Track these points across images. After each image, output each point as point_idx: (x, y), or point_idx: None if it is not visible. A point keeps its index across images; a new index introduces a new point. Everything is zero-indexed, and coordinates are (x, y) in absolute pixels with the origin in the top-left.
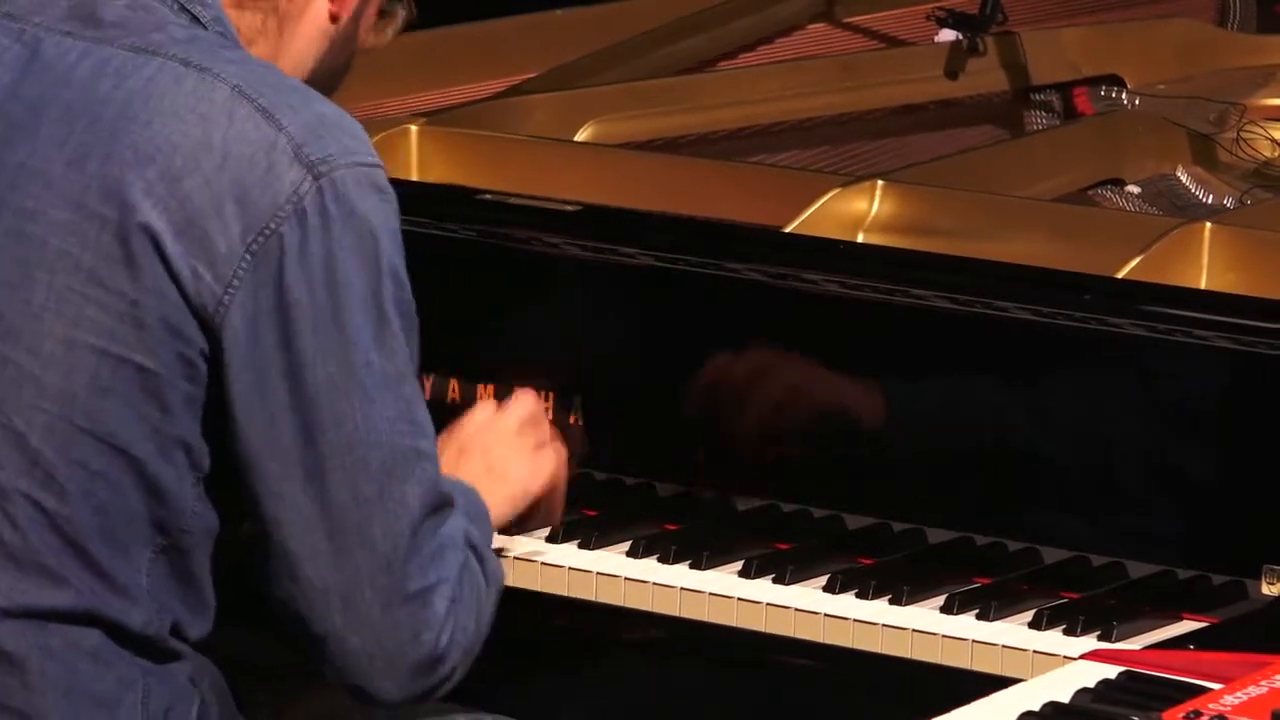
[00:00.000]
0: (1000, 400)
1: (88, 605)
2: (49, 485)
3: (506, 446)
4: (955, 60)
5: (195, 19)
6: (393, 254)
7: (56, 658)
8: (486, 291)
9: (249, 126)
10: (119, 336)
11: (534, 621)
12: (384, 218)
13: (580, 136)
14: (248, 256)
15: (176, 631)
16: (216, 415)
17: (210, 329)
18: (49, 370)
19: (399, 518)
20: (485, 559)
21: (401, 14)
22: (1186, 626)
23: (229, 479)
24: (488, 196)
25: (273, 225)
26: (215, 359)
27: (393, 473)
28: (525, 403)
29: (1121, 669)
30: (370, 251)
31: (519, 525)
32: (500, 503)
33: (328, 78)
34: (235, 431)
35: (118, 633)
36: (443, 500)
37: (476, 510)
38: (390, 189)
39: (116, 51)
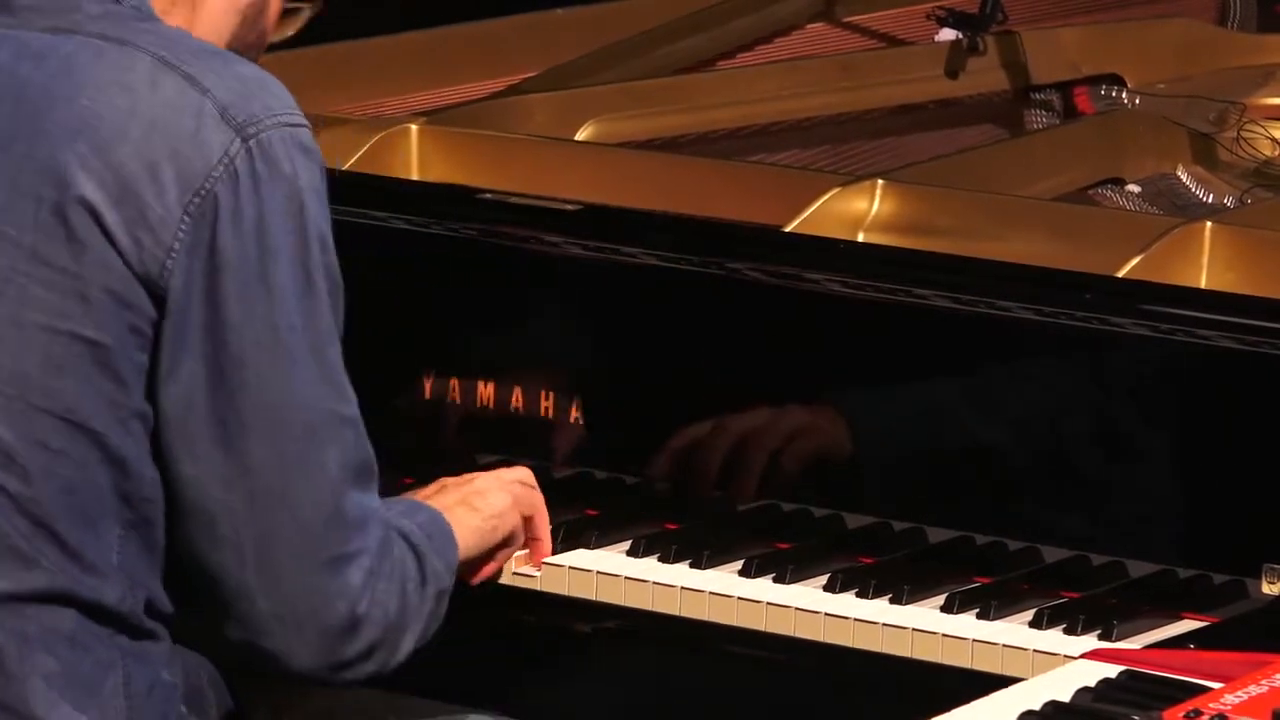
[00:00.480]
0: (1000, 399)
1: (61, 586)
2: (10, 468)
3: (485, 481)
4: (955, 60)
5: None
6: (319, 216)
7: (34, 643)
8: (487, 291)
9: (173, 93)
10: (67, 312)
11: (534, 621)
12: (311, 178)
13: (580, 136)
14: (186, 219)
15: (151, 609)
16: (151, 377)
17: (156, 294)
18: (1, 352)
19: (319, 481)
20: (424, 559)
21: (307, 10)
22: (1187, 626)
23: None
24: (488, 196)
25: (207, 185)
26: (158, 322)
27: (314, 436)
28: (520, 469)
29: (1122, 668)
30: (298, 213)
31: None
32: (467, 530)
33: (247, 44)
34: (158, 389)
35: (94, 612)
36: (364, 469)
37: (432, 524)
38: (316, 148)
39: (34, 35)
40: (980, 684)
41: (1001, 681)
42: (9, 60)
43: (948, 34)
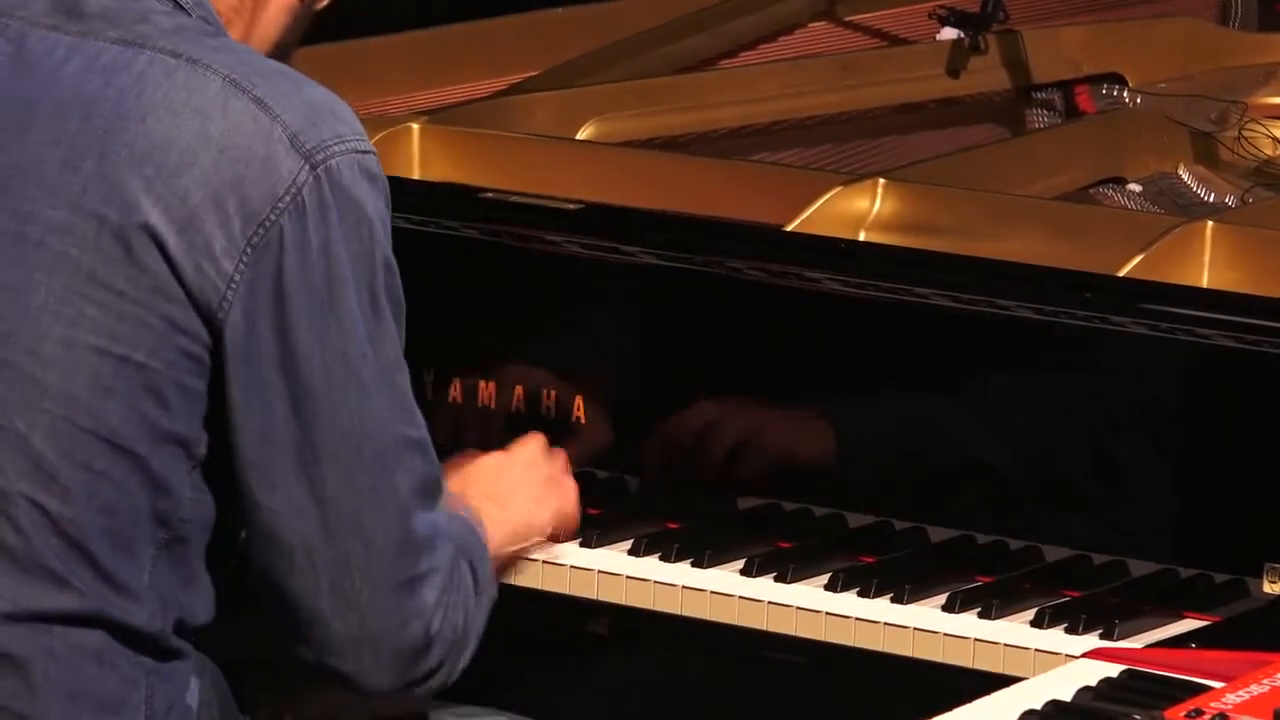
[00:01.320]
0: (1001, 398)
1: (92, 607)
2: (52, 488)
3: (511, 480)
4: (957, 59)
5: (178, 4)
6: (385, 243)
7: (60, 660)
8: (488, 290)
9: (245, 118)
10: (120, 336)
11: (535, 620)
12: (377, 205)
13: (581, 135)
14: (249, 250)
15: (180, 628)
16: (214, 407)
17: (213, 323)
18: (50, 371)
19: (391, 507)
20: (478, 569)
21: None
22: (1188, 625)
23: (223, 465)
24: (489, 195)
25: (273, 217)
26: (217, 352)
27: (386, 463)
28: (532, 442)
29: (1123, 667)
30: (366, 241)
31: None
32: (500, 532)
33: (282, 55)
34: (232, 423)
35: (122, 633)
36: (434, 488)
37: (472, 537)
38: (382, 174)
39: (104, 46)
40: (982, 683)
41: (1003, 681)
42: (78, 75)
43: (949, 33)
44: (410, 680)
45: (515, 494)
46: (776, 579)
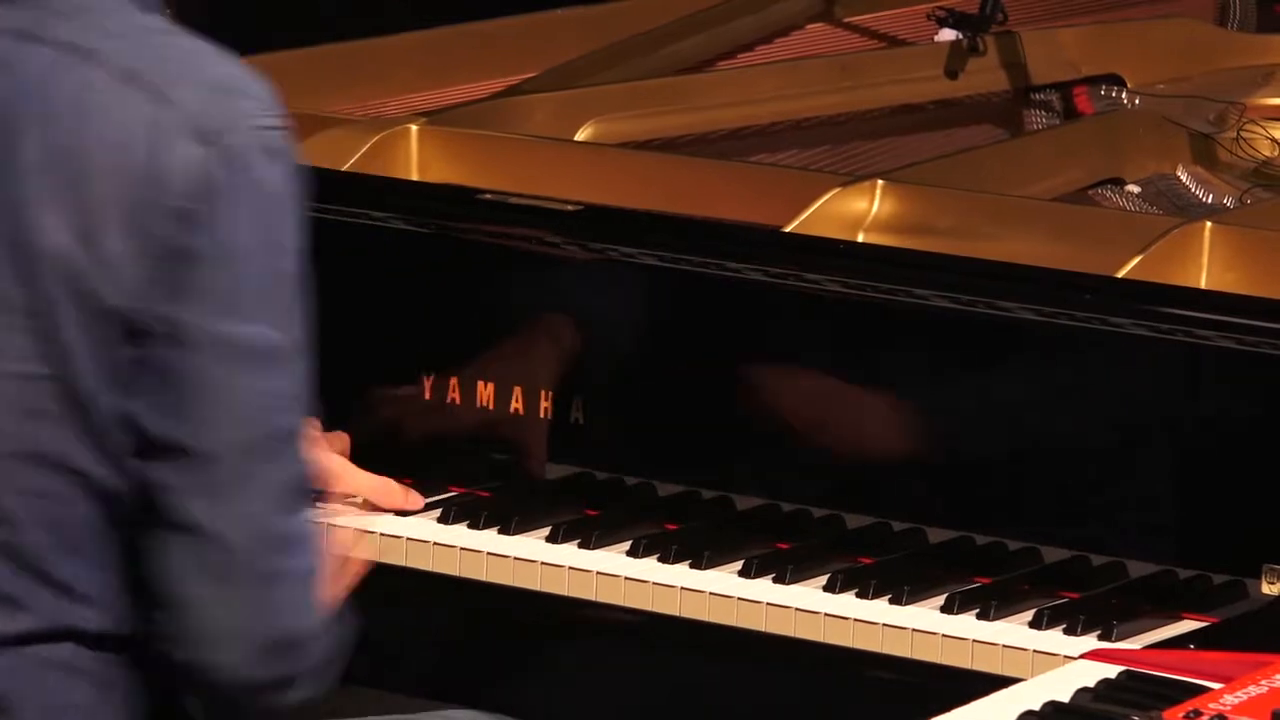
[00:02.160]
0: (1000, 399)
1: (53, 622)
2: None
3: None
4: (955, 60)
5: None
6: (289, 224)
7: (25, 677)
8: (486, 291)
9: (141, 110)
10: (34, 355)
11: (534, 621)
12: (281, 185)
13: (580, 136)
14: (151, 246)
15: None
16: (128, 403)
17: (122, 323)
18: None
19: (265, 497)
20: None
21: None
22: (1187, 626)
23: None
24: (488, 196)
25: (173, 205)
26: (126, 349)
27: (266, 451)
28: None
29: (1122, 668)
30: (268, 224)
31: None
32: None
33: None
34: (132, 413)
35: (90, 640)
36: (305, 486)
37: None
38: (287, 148)
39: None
40: (980, 684)
41: (1001, 682)
42: None
43: (947, 34)
44: (273, 679)
45: None
46: (775, 580)
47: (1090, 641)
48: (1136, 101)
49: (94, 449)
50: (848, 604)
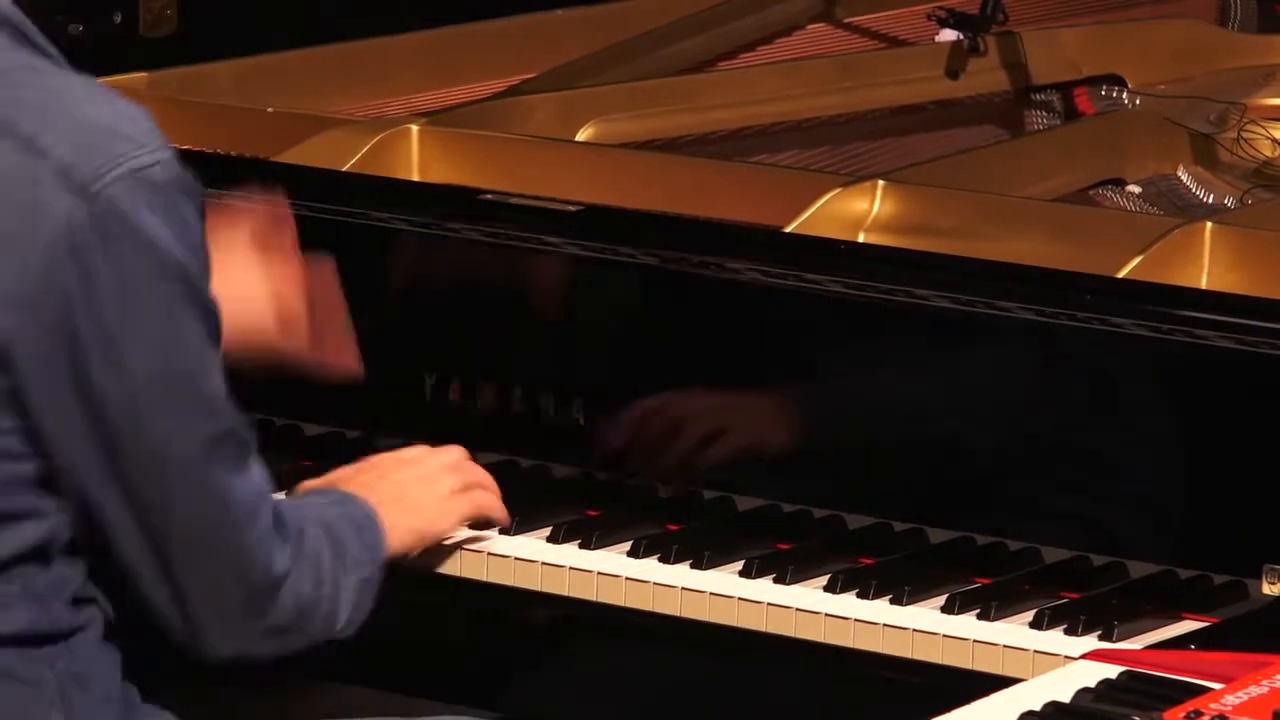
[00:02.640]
0: (1001, 400)
1: None
2: None
3: (422, 484)
4: (956, 60)
5: None
6: (177, 253)
7: None
8: (487, 291)
9: (11, 161)
10: None
11: (535, 621)
12: (163, 217)
13: (581, 136)
14: (31, 300)
15: (76, 598)
16: (33, 437)
17: (10, 375)
18: None
19: (206, 500)
20: (344, 548)
21: None
22: (1187, 626)
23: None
24: (488, 196)
25: (52, 263)
26: (19, 391)
27: (197, 465)
28: (452, 451)
29: (1122, 669)
30: (155, 264)
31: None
32: (401, 530)
33: None
34: (47, 446)
35: (14, 641)
36: (243, 455)
37: (362, 519)
38: (171, 177)
39: None
40: (981, 684)
41: (1002, 682)
42: None
43: (948, 34)
44: (250, 641)
45: (422, 500)
46: (775, 580)
47: (1091, 642)
48: (1137, 102)
49: (1, 486)
50: (848, 604)
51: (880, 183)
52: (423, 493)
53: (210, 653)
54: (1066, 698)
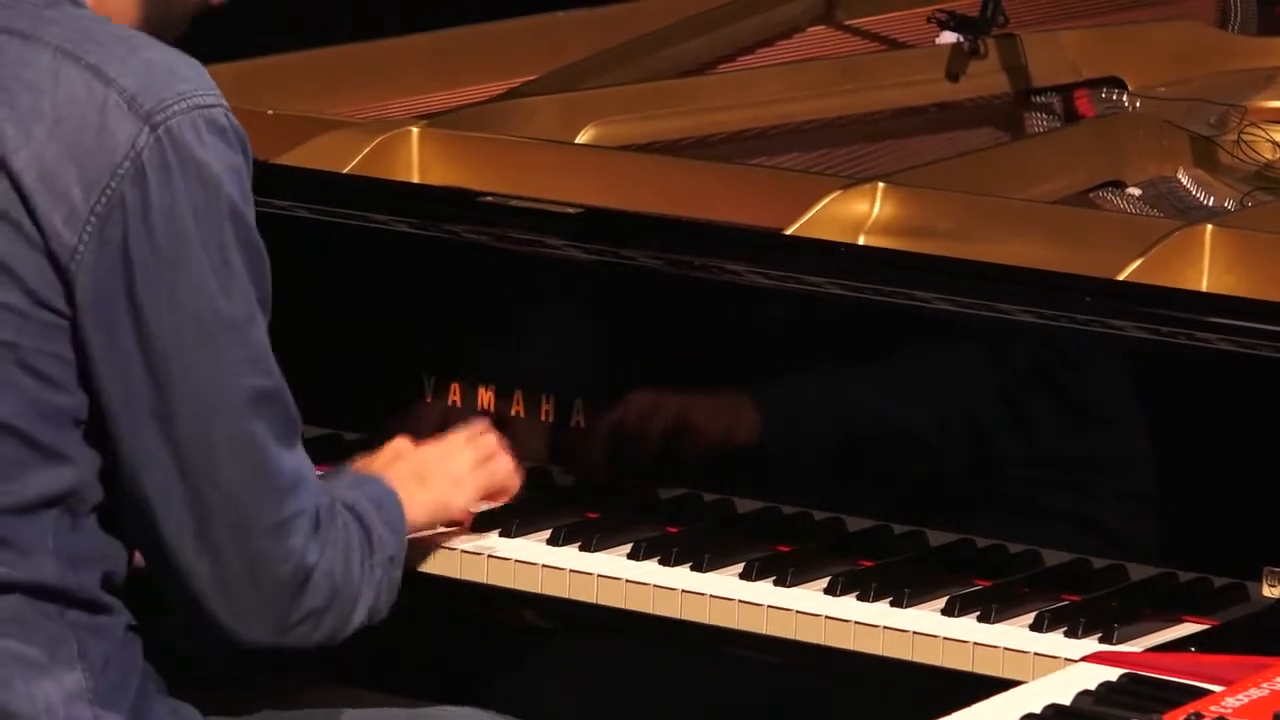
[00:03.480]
0: (1001, 402)
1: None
2: None
3: (440, 458)
4: (956, 62)
5: None
6: (234, 193)
7: None
8: (487, 294)
9: (78, 86)
10: None
11: (535, 623)
12: (225, 159)
13: (581, 139)
14: (93, 219)
15: (108, 581)
16: (83, 368)
17: (67, 293)
18: None
19: (248, 457)
20: (371, 528)
21: None
22: (1187, 629)
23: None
24: (489, 199)
25: (113, 184)
26: (74, 319)
27: (241, 415)
28: (472, 426)
29: (1123, 671)
30: (213, 198)
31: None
32: (419, 504)
33: (164, 16)
34: (95, 383)
35: (37, 593)
36: (292, 431)
37: (381, 496)
38: (233, 124)
39: None
40: (981, 687)
41: (1002, 684)
42: None
43: (948, 37)
44: (284, 626)
45: (436, 475)
46: (776, 583)
47: (1091, 644)
48: (1137, 104)
49: (41, 412)
50: (848, 607)
51: (880, 185)
52: (441, 466)
53: (248, 638)
54: (1067, 700)
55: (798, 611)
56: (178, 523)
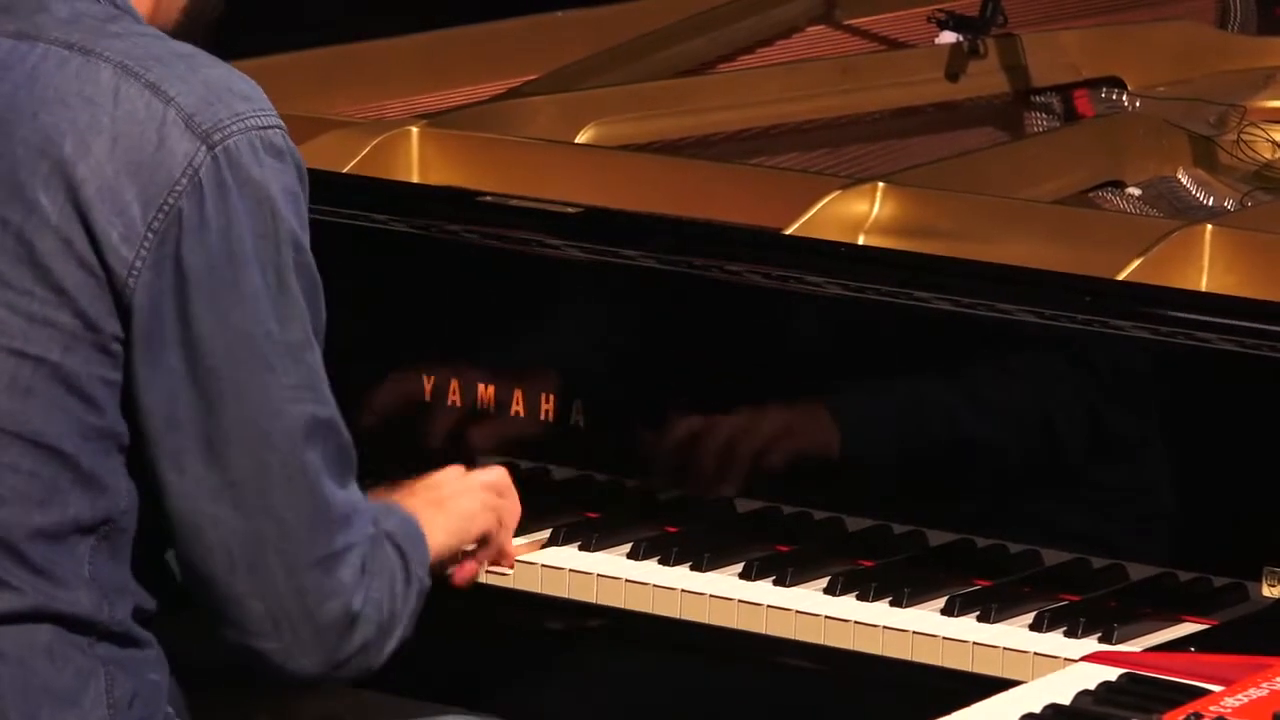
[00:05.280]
0: (1000, 402)
1: (34, 603)
2: None
3: (459, 487)
4: (956, 62)
5: None
6: (291, 218)
7: (10, 660)
8: (487, 294)
9: (137, 104)
10: (33, 337)
11: (535, 623)
12: (282, 181)
13: (581, 139)
14: (150, 235)
15: (138, 614)
16: (128, 393)
17: (120, 312)
18: None
19: (302, 486)
20: (409, 557)
21: None
22: (1187, 628)
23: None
24: (488, 199)
25: (170, 201)
26: (125, 339)
27: (294, 442)
28: (494, 469)
29: (1122, 671)
30: (269, 220)
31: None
32: (437, 530)
33: (191, 31)
34: (140, 406)
35: (70, 623)
36: (346, 464)
37: (407, 525)
38: (289, 147)
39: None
40: (980, 687)
41: (1002, 684)
42: None
43: (948, 37)
44: (335, 661)
45: (454, 497)
46: (775, 583)
47: (1091, 644)
48: (1137, 104)
49: (85, 436)
50: (848, 606)
51: (880, 185)
52: (461, 503)
53: (299, 672)
54: (1066, 700)
55: (797, 611)
56: (228, 553)
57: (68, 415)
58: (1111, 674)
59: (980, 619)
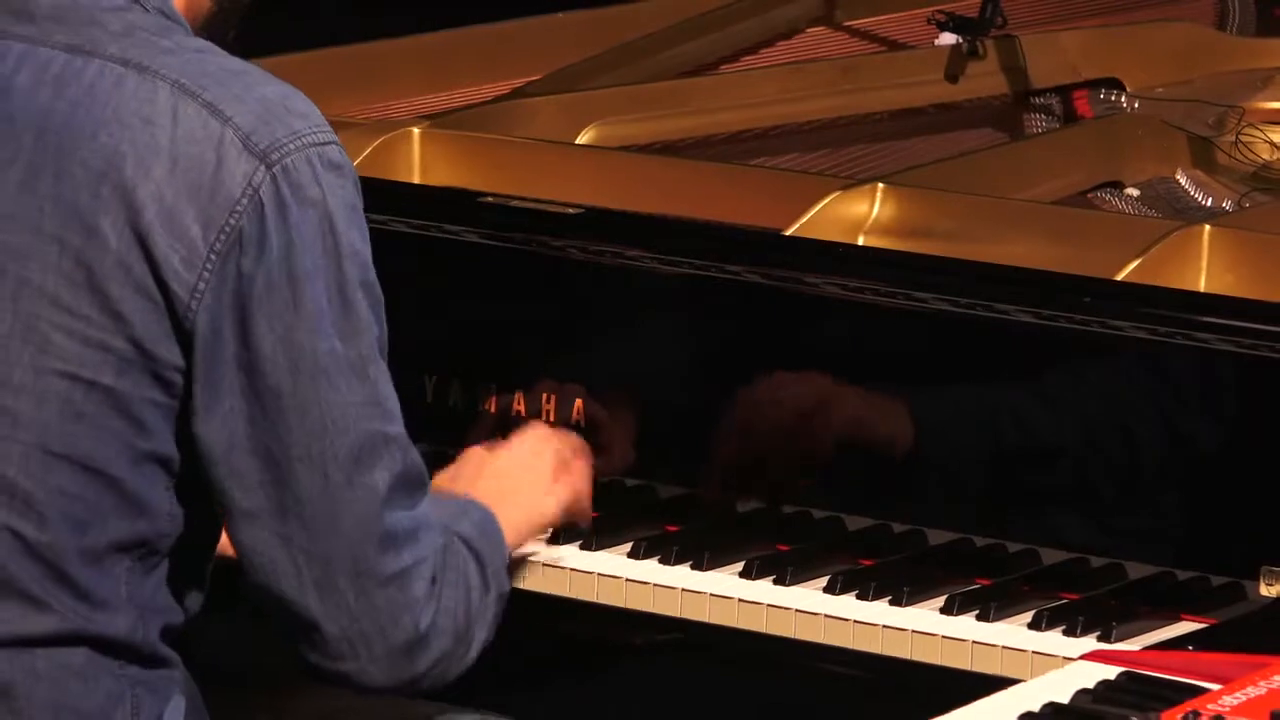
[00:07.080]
0: (1000, 402)
1: (72, 626)
2: (28, 515)
3: (515, 476)
4: (955, 64)
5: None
6: (352, 233)
7: (44, 680)
8: (488, 294)
9: (195, 124)
10: (87, 360)
11: (535, 622)
12: (341, 197)
13: (582, 139)
14: (212, 256)
15: (166, 634)
16: (186, 416)
17: (181, 335)
18: (20, 399)
19: (368, 504)
20: (485, 564)
21: None
22: (1185, 627)
23: (200, 475)
24: (489, 199)
25: (232, 221)
26: (186, 364)
27: (360, 459)
28: (533, 430)
29: (1121, 669)
30: (329, 236)
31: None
32: (510, 525)
33: (220, 31)
34: (200, 428)
35: (103, 646)
36: (415, 482)
37: (485, 525)
38: (345, 161)
39: (53, 54)
40: (980, 685)
41: (1001, 683)
42: (28, 85)
43: (948, 38)
44: (411, 676)
45: (520, 490)
46: (775, 582)
47: (1089, 643)
48: (1136, 105)
49: (132, 459)
50: (848, 605)
51: (880, 185)
52: (525, 479)
53: (375, 687)
54: (1065, 699)
55: (797, 610)
56: (296, 573)
57: (118, 439)
58: (1110, 673)
59: (979, 618)
